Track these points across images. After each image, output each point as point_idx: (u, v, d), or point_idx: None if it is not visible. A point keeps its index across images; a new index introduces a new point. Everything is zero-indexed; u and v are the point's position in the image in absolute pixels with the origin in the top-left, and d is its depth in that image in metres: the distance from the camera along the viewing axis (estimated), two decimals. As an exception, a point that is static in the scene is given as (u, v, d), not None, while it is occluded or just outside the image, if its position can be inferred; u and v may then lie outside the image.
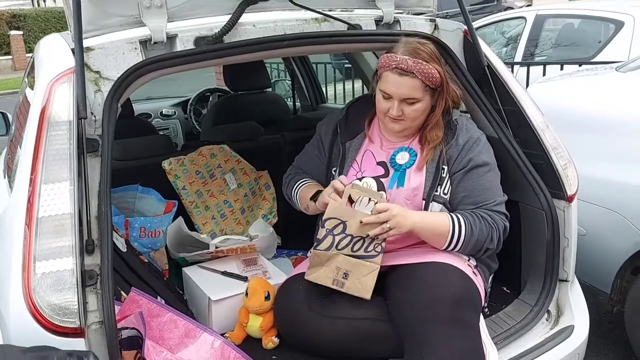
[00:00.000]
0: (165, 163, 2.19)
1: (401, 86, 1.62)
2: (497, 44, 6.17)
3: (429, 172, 1.68)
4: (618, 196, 2.16)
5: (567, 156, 1.80)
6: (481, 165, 1.68)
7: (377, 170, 1.74)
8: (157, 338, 1.44)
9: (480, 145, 1.70)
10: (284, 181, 1.99)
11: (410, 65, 1.61)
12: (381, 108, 1.68)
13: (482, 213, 1.65)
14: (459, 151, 1.69)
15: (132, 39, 1.52)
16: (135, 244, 1.97)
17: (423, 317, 1.47)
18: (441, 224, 1.62)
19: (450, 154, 1.69)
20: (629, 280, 2.24)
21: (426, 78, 1.62)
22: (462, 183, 1.68)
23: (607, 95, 2.39)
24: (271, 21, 1.68)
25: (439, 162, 1.69)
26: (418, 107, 1.65)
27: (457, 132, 1.71)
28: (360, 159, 1.77)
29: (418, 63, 1.61)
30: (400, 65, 1.61)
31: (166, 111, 4.00)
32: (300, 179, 1.91)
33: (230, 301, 1.80)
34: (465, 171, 1.68)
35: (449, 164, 1.69)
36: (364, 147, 1.79)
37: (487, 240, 1.65)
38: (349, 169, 1.77)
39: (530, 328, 1.72)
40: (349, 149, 1.80)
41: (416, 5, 1.95)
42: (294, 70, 3.87)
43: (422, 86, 1.63)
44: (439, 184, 1.67)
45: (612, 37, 4.83)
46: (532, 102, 1.87)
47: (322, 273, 1.62)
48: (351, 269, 1.60)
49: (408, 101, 1.64)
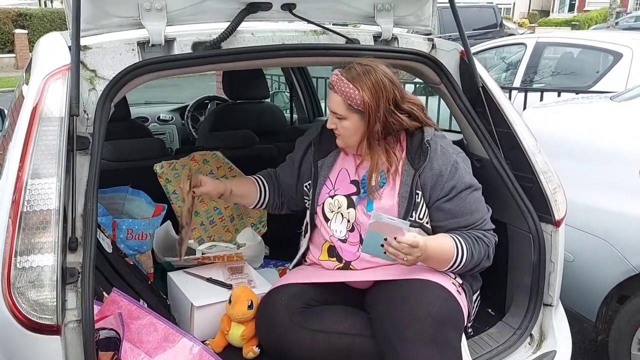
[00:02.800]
0: (157, 166, 2.18)
1: (330, 100, 1.66)
2: (497, 69, 6.22)
3: (402, 198, 1.66)
4: (606, 224, 2.17)
5: (556, 181, 1.81)
6: (465, 189, 1.66)
7: (349, 189, 1.74)
8: (135, 340, 1.43)
9: (460, 169, 1.66)
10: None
11: (333, 80, 1.63)
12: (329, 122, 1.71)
13: (477, 234, 1.65)
14: (435, 177, 1.65)
15: (130, 40, 1.53)
16: (122, 245, 1.95)
17: (405, 335, 1.46)
18: (446, 250, 1.61)
19: (424, 180, 1.65)
20: (614, 309, 2.24)
21: (345, 96, 1.61)
22: (448, 209, 1.65)
23: (600, 123, 2.41)
24: (270, 31, 1.69)
25: (412, 188, 1.65)
26: (346, 124, 1.65)
27: (429, 155, 1.65)
28: (335, 177, 1.77)
29: (340, 80, 1.61)
30: (330, 78, 1.65)
31: (164, 116, 4.01)
32: (261, 173, 1.98)
33: (213, 308, 1.79)
34: (449, 198, 1.65)
35: (424, 190, 1.66)
36: (338, 164, 1.79)
37: (484, 259, 1.67)
38: (322, 187, 1.78)
39: (512, 351, 1.72)
40: (322, 167, 1.79)
41: (415, 23, 1.97)
42: (293, 82, 3.89)
43: (345, 104, 1.62)
44: (413, 209, 1.65)
45: (610, 67, 4.88)
46: (525, 125, 1.88)
47: None
48: None
49: (337, 116, 1.65)
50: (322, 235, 1.78)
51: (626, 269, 2.10)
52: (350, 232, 1.71)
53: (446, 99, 1.95)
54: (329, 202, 1.74)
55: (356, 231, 1.70)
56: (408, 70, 1.97)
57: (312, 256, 1.83)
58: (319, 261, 1.79)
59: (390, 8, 1.80)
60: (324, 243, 1.77)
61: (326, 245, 1.77)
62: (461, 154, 1.71)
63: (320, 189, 1.78)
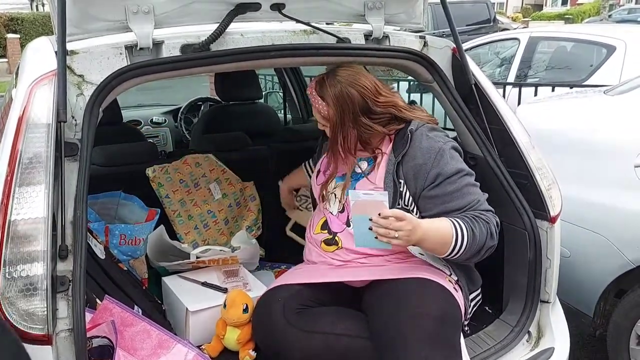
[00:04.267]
0: (149, 170, 2.17)
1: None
2: (491, 65, 6.21)
3: (387, 187, 1.66)
4: (603, 219, 2.16)
5: (551, 177, 1.80)
6: (453, 174, 1.61)
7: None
8: (129, 348, 1.42)
9: (446, 156, 1.62)
10: None
11: (309, 92, 1.76)
12: None
13: (474, 213, 1.58)
14: (418, 167, 1.62)
15: (117, 44, 1.51)
16: (115, 251, 1.94)
17: (403, 334, 1.45)
18: (444, 231, 1.52)
19: (406, 169, 1.64)
20: (612, 304, 2.23)
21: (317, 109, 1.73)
22: (436, 195, 1.61)
23: (594, 118, 2.40)
24: (259, 31, 1.68)
25: (394, 177, 1.65)
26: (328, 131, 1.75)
27: (409, 144, 1.64)
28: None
29: (312, 94, 1.74)
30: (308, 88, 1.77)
31: (156, 119, 3.98)
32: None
33: (208, 312, 1.77)
34: (435, 185, 1.61)
35: (407, 180, 1.64)
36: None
37: (488, 238, 1.56)
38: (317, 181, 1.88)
39: (510, 349, 1.71)
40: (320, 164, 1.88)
41: (406, 21, 1.95)
42: (286, 82, 3.87)
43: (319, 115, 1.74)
44: (399, 197, 1.65)
45: (603, 61, 4.88)
46: (519, 122, 1.87)
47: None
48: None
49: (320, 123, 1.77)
50: (320, 212, 1.83)
51: (623, 263, 2.09)
52: (341, 212, 1.76)
53: (439, 97, 1.94)
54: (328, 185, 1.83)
55: (345, 212, 1.74)
56: (400, 69, 1.96)
57: (310, 235, 1.84)
58: (313, 237, 1.80)
59: (381, 6, 1.78)
60: (320, 218, 1.82)
61: (322, 220, 1.81)
62: (450, 143, 1.67)
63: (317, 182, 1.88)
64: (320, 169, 1.89)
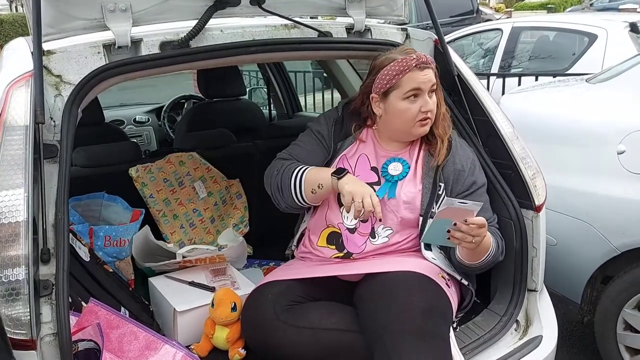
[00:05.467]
0: (132, 170, 2.14)
1: (426, 78, 1.63)
2: (475, 56, 6.24)
3: (425, 188, 1.67)
4: (588, 206, 2.18)
5: (535, 166, 1.81)
6: (482, 186, 1.72)
7: (369, 177, 1.71)
8: (116, 350, 1.40)
9: (477, 166, 1.73)
10: (271, 169, 1.77)
11: (428, 58, 1.65)
12: (412, 113, 1.64)
13: (493, 229, 1.68)
14: (457, 172, 1.69)
15: (95, 43, 1.49)
16: (100, 253, 1.92)
17: (392, 327, 1.45)
18: (488, 238, 1.59)
19: (447, 173, 1.69)
20: (599, 290, 2.25)
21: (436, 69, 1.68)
22: None
23: (576, 106, 2.41)
24: (239, 27, 1.66)
25: (436, 179, 1.67)
26: (438, 95, 1.68)
27: (452, 149, 1.71)
28: (355, 162, 1.74)
29: (428, 57, 1.66)
30: (421, 59, 1.62)
31: (139, 118, 3.94)
32: (301, 165, 1.72)
33: (196, 312, 1.76)
34: (468, 193, 1.69)
35: (447, 184, 1.69)
36: (357, 149, 1.76)
37: (500, 254, 1.68)
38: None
39: (499, 338, 1.71)
40: (340, 149, 1.76)
41: (388, 14, 1.95)
42: (270, 78, 3.85)
43: (435, 76, 1.67)
44: (435, 200, 1.66)
45: (585, 49, 4.92)
46: (502, 112, 1.87)
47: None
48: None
49: (431, 88, 1.65)
50: (325, 220, 1.73)
51: (609, 250, 2.11)
52: (363, 222, 1.68)
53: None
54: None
55: (369, 222, 1.68)
56: (383, 62, 1.95)
57: (308, 243, 1.78)
58: (315, 248, 1.74)
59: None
60: (324, 229, 1.73)
61: (326, 231, 1.73)
62: (475, 152, 1.77)
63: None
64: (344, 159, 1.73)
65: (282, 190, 1.72)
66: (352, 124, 1.77)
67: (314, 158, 1.76)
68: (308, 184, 1.67)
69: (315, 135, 1.80)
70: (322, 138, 1.78)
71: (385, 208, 1.66)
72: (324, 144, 1.78)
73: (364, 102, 1.73)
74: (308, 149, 1.78)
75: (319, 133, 1.79)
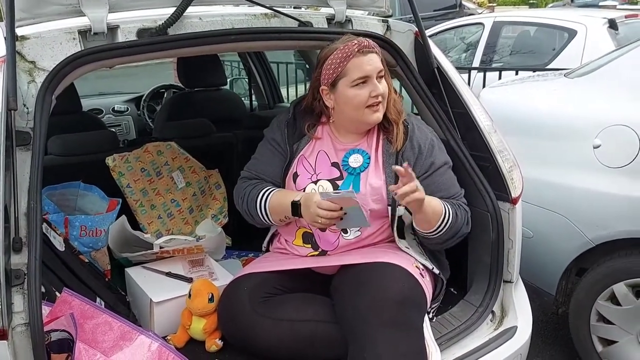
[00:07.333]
0: (109, 160, 2.11)
1: (372, 62, 1.62)
2: (458, 50, 6.26)
3: (389, 177, 1.66)
4: (564, 199, 2.20)
5: (512, 159, 1.82)
6: (442, 166, 1.71)
7: (332, 172, 1.71)
8: (90, 341, 1.38)
9: (436, 146, 1.72)
10: (238, 194, 1.81)
11: (370, 42, 1.63)
12: (362, 99, 1.62)
13: (456, 202, 1.70)
14: (416, 155, 1.68)
15: (70, 29, 1.46)
16: (76, 243, 1.89)
17: (367, 318, 1.46)
18: (436, 206, 1.61)
19: (408, 157, 1.68)
20: (573, 282, 2.28)
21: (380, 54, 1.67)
22: (427, 185, 1.64)
23: (554, 100, 2.44)
24: (219, 15, 1.64)
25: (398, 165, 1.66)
26: (387, 81, 1.67)
27: (409, 133, 1.70)
28: (314, 161, 1.72)
29: (369, 41, 1.65)
30: (362, 44, 1.61)
31: (118, 107, 3.89)
32: (262, 188, 1.73)
33: (173, 303, 1.75)
34: (428, 174, 1.68)
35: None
36: (314, 147, 1.74)
37: (464, 225, 1.69)
38: (302, 172, 1.72)
39: (474, 329, 1.73)
40: (297, 150, 1.75)
41: (369, 5, 1.94)
42: (251, 68, 3.82)
43: (381, 61, 1.66)
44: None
45: (565, 44, 4.97)
46: (480, 105, 1.88)
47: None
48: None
49: (379, 74, 1.63)
50: (295, 222, 1.73)
51: (583, 242, 2.14)
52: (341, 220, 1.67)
53: (402, 81, 1.94)
54: (312, 188, 1.69)
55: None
56: (363, 53, 1.95)
57: (283, 240, 1.79)
58: (291, 246, 1.75)
59: (343, -11, 1.76)
60: (297, 229, 1.74)
61: (300, 231, 1.74)
62: (434, 132, 1.77)
63: (301, 173, 1.72)
64: (302, 159, 1.72)
65: (253, 217, 1.77)
66: (305, 123, 1.75)
67: (274, 169, 1.76)
68: (274, 214, 1.71)
69: (270, 144, 1.79)
70: (277, 144, 1.77)
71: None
72: (280, 150, 1.77)
73: (315, 97, 1.71)
74: (266, 161, 1.78)
75: (273, 140, 1.78)
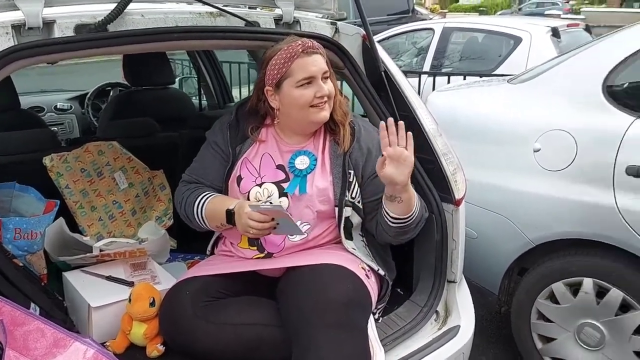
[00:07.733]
0: (47, 159, 2.03)
1: (316, 63, 1.61)
2: (409, 54, 6.37)
3: (336, 178, 1.66)
4: (506, 201, 2.27)
5: (456, 162, 1.86)
6: None
7: (277, 175, 1.69)
8: (21, 348, 1.31)
9: None
10: (177, 198, 1.79)
11: (314, 43, 1.63)
12: (307, 99, 1.60)
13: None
14: (365, 156, 1.68)
15: (3, 23, 1.40)
16: (9, 246, 1.80)
17: (311, 320, 1.45)
18: (412, 192, 1.62)
19: (355, 159, 1.68)
20: (515, 282, 2.35)
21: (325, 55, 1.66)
22: (377, 185, 1.64)
23: (497, 105, 2.50)
24: (162, 12, 1.60)
25: (345, 167, 1.67)
26: (332, 82, 1.66)
27: (356, 134, 1.70)
28: (259, 164, 1.70)
29: (314, 42, 1.64)
30: (306, 44, 1.60)
31: (61, 105, 3.74)
32: (200, 194, 1.71)
33: (113, 308, 1.69)
34: (377, 175, 1.65)
35: (356, 169, 1.68)
36: (258, 150, 1.72)
37: (424, 215, 1.71)
38: (246, 175, 1.69)
39: (419, 329, 1.75)
40: (239, 153, 1.72)
41: (317, 7, 1.94)
42: (200, 67, 3.76)
43: (326, 62, 1.65)
44: (347, 188, 1.66)
45: (511, 51, 5.15)
46: (426, 109, 1.91)
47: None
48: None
49: (324, 75, 1.62)
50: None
51: (524, 243, 2.21)
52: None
53: (350, 84, 1.95)
54: (257, 191, 1.66)
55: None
56: (311, 55, 1.94)
57: (229, 243, 1.76)
58: (237, 249, 1.73)
59: (291, -10, 1.76)
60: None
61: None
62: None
63: (245, 176, 1.69)
64: (245, 162, 1.70)
65: (192, 222, 1.75)
66: (248, 125, 1.72)
67: (215, 172, 1.74)
68: (211, 220, 1.69)
69: (212, 147, 1.76)
70: (219, 147, 1.74)
71: (299, 204, 1.65)
72: (221, 153, 1.74)
73: (259, 98, 1.69)
74: (207, 165, 1.76)
75: (215, 144, 1.75)
